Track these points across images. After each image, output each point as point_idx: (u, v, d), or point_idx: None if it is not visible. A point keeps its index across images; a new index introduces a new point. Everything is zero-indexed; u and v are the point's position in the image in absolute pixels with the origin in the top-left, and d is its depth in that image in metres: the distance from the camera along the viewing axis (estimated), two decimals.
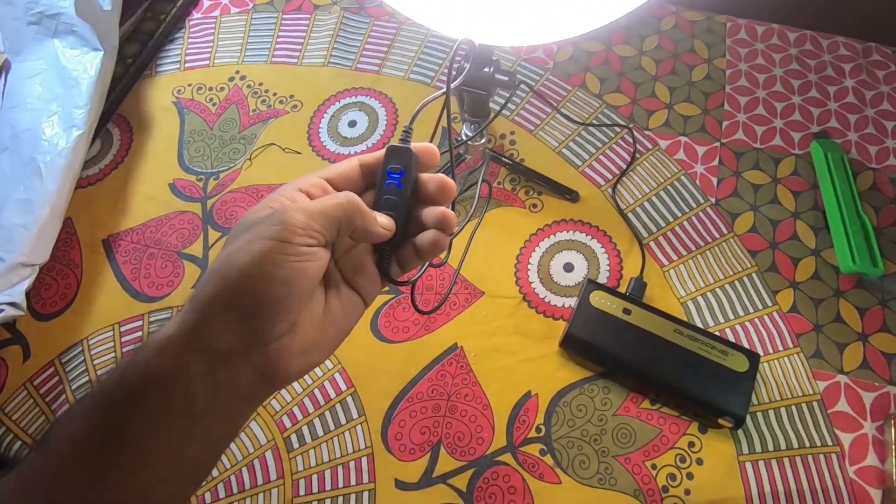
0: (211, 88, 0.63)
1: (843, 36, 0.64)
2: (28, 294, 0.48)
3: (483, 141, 0.52)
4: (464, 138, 0.50)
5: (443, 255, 0.32)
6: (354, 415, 0.46)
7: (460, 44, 0.31)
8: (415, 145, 0.28)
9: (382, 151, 0.28)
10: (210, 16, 0.68)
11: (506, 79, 0.43)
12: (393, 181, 0.27)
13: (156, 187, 0.57)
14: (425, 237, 0.27)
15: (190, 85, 0.63)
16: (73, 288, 0.52)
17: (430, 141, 0.34)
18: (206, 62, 0.64)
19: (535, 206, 0.55)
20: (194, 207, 0.56)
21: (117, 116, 0.61)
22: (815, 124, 0.58)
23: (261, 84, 0.63)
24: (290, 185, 0.26)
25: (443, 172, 0.30)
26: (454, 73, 0.42)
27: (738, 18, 0.65)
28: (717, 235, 0.53)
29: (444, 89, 0.29)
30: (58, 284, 0.52)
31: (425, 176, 0.28)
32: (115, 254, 0.53)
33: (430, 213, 0.27)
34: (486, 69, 0.44)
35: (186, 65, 0.64)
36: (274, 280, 0.22)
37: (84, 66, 0.54)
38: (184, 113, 0.61)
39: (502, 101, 0.57)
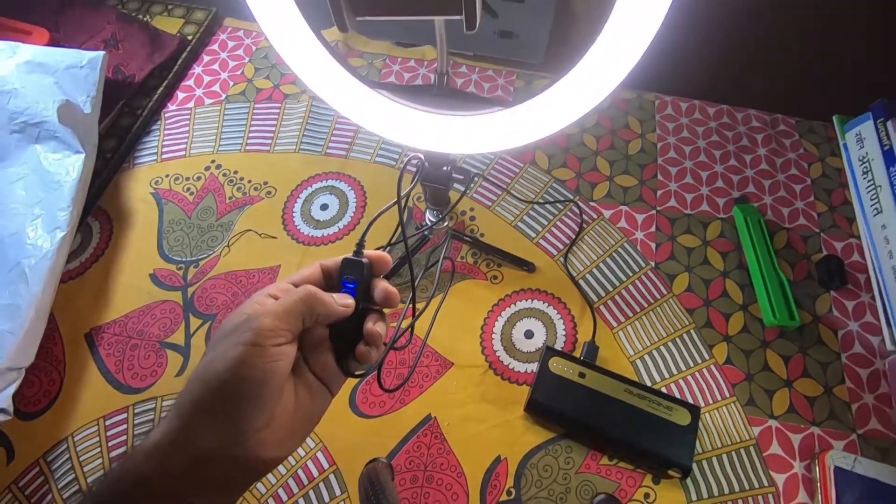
0: (188, 178, 0.66)
1: (755, 108, 0.73)
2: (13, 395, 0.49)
3: (446, 224, 0.58)
4: (427, 224, 0.56)
5: (405, 340, 0.36)
6: (337, 492, 0.49)
7: (410, 160, 0.35)
8: (368, 254, 0.32)
9: (340, 259, 0.32)
10: (185, 107, 0.72)
11: (461, 177, 0.49)
12: (347, 290, 0.31)
13: (137, 278, 0.60)
14: (358, 349, 0.31)
15: (167, 175, 0.67)
16: (56, 384, 0.53)
17: (394, 231, 0.38)
18: (183, 153, 0.68)
19: (495, 277, 0.60)
20: (175, 296, 0.59)
21: (97, 209, 0.64)
22: (735, 190, 0.67)
23: (236, 172, 0.67)
24: (260, 291, 0.30)
25: (399, 265, 0.32)
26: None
27: (665, 96, 0.74)
28: (658, 296, 0.59)
29: (395, 200, 0.32)
30: (41, 382, 0.54)
31: (375, 282, 0.32)
32: (98, 347, 0.55)
33: (366, 329, 0.31)
34: (445, 168, 0.49)
35: (163, 156, 0.68)
36: (249, 382, 0.26)
37: (66, 168, 0.57)
38: (162, 203, 0.65)
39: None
